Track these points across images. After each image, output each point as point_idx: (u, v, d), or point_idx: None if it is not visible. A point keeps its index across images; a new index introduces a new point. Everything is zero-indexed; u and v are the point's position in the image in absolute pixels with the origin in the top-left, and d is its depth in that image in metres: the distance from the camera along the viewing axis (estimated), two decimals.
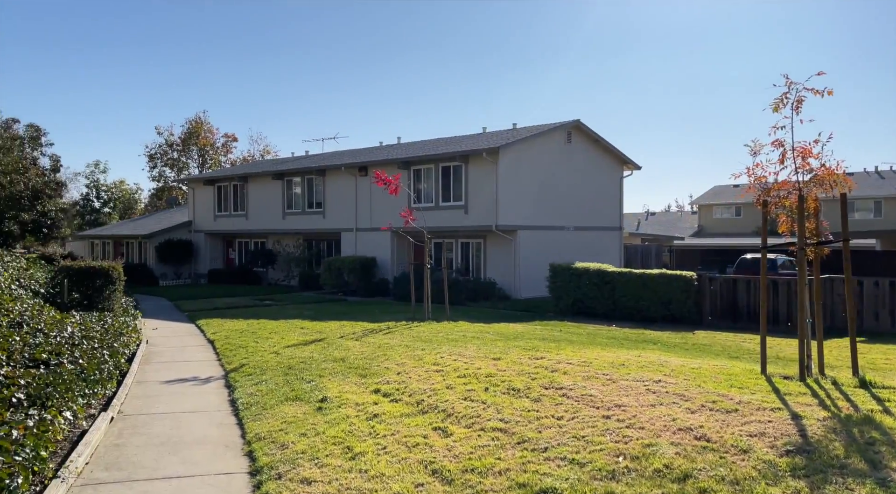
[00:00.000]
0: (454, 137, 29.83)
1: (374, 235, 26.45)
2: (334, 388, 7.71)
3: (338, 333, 13.17)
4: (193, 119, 55.35)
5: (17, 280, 15.78)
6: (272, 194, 30.56)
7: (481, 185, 23.38)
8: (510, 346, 9.64)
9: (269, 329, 14.25)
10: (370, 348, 10.54)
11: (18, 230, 27.88)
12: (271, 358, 10.43)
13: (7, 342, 8.12)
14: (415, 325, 13.99)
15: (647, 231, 44.93)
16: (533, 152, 24.44)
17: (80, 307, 15.25)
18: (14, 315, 10.46)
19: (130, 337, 12.13)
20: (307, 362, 9.66)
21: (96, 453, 5.65)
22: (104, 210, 58.98)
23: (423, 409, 6.34)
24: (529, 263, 23.82)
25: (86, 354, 8.77)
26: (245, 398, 7.71)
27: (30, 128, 29.06)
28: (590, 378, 6.78)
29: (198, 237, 33.93)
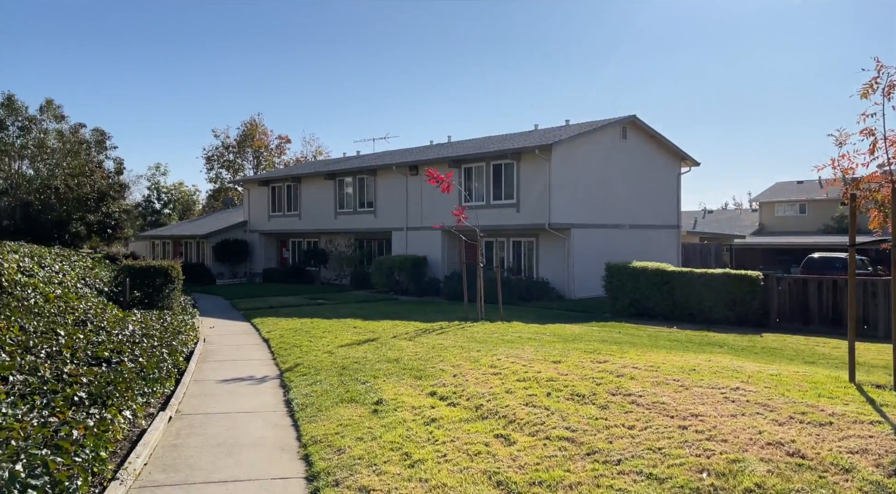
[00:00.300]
0: (505, 135, 29.44)
1: (425, 234, 26.34)
2: (389, 390, 7.52)
3: (390, 333, 13.03)
4: (248, 121, 56.68)
5: (82, 279, 16.31)
6: (324, 194, 30.86)
7: (533, 183, 22.94)
8: (570, 349, 9.26)
9: (322, 328, 14.25)
10: (424, 349, 10.33)
11: (85, 231, 29.00)
12: (325, 357, 10.35)
13: (72, 340, 8.29)
14: (468, 325, 13.73)
15: (705, 229, 43.38)
16: (586, 149, 23.83)
17: (141, 305, 15.64)
18: (79, 313, 10.73)
19: (188, 336, 12.30)
20: (361, 362, 9.53)
21: (154, 454, 5.61)
22: (164, 211, 61.05)
23: (482, 414, 6.07)
24: (583, 262, 23.24)
25: (146, 352, 8.88)
26: (300, 399, 7.60)
27: (95, 132, 30.19)
28: (660, 384, 6.36)
29: (253, 237, 34.61)
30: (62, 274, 14.48)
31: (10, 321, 8.04)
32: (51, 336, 8.17)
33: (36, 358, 7.04)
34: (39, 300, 10.23)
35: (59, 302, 10.76)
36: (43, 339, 7.69)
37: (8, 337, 7.28)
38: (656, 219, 26.36)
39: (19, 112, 28.06)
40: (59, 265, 15.52)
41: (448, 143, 31.32)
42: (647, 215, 25.83)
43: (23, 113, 28.23)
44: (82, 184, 28.55)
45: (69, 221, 28.22)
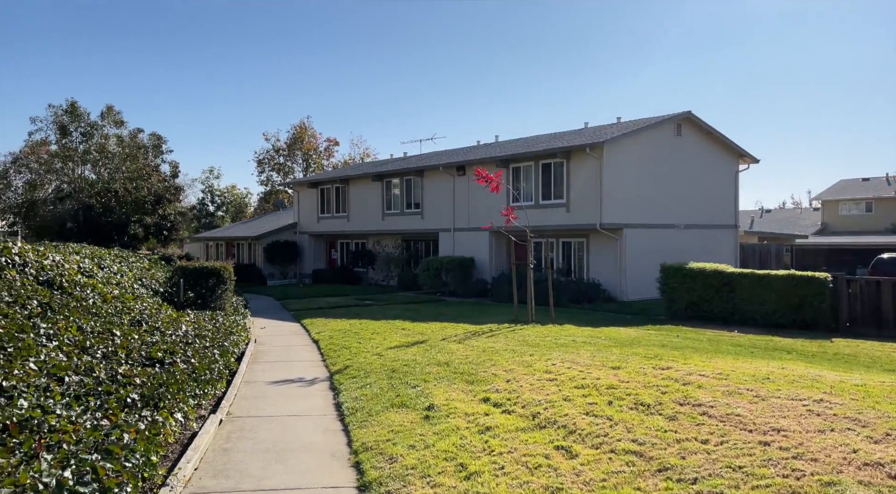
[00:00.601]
0: (554, 134, 28.91)
1: (472, 235, 26.08)
2: (441, 395, 7.29)
3: (439, 335, 12.82)
4: (298, 125, 57.62)
5: (139, 279, 16.70)
6: (372, 195, 30.97)
7: (584, 182, 22.38)
8: (628, 354, 8.83)
9: (370, 329, 14.16)
10: (475, 352, 10.06)
11: (142, 233, 29.90)
12: (374, 360, 10.21)
13: (127, 340, 8.36)
14: (518, 328, 13.39)
15: (763, 229, 41.69)
16: (639, 146, 23.12)
17: (195, 306, 15.89)
18: (135, 313, 10.90)
19: (240, 336, 12.38)
20: (410, 365, 9.34)
21: (205, 458, 5.52)
22: (218, 213, 62.71)
23: (539, 424, 5.76)
24: (636, 263, 22.54)
25: (198, 353, 8.90)
26: (350, 402, 7.44)
27: (152, 137, 31.12)
28: (732, 393, 5.91)
29: (302, 238, 35.05)
30: (120, 275, 14.83)
31: (68, 321, 8.15)
32: (107, 336, 8.26)
33: (92, 358, 7.10)
34: (98, 300, 10.42)
35: (116, 303, 10.94)
36: (99, 339, 7.77)
37: (66, 337, 7.36)
38: (712, 219, 25.39)
39: (82, 118, 29.16)
40: (117, 266, 15.93)
41: (495, 143, 30.98)
42: (702, 214, 24.91)
43: (85, 119, 29.32)
44: (140, 187, 29.45)
45: (128, 223, 29.14)
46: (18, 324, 6.98)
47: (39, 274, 10.29)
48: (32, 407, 4.99)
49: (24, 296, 8.19)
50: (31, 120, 28.71)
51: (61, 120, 28.79)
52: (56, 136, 28.97)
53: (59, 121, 28.76)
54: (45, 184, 29.01)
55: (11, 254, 10.35)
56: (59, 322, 7.90)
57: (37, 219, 28.19)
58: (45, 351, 6.54)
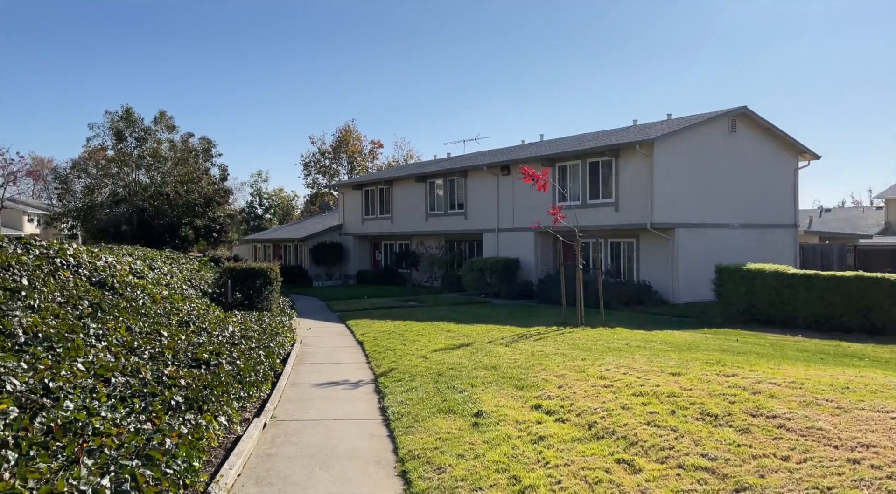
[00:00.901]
0: (602, 132, 28.24)
1: (517, 235, 25.67)
2: (489, 401, 6.99)
3: (485, 338, 12.52)
4: (343, 128, 58.21)
5: (189, 280, 16.95)
6: (415, 196, 30.89)
7: (634, 181, 21.71)
8: (688, 359, 8.35)
9: (415, 331, 13.96)
10: (523, 355, 9.72)
11: (193, 235, 30.58)
12: (419, 362, 9.98)
13: (174, 341, 8.36)
14: (567, 331, 12.97)
15: (823, 228, 39.81)
16: (692, 143, 22.30)
17: (242, 306, 16.02)
18: (183, 314, 10.97)
19: (286, 337, 12.35)
20: (457, 369, 9.07)
21: (248, 464, 5.37)
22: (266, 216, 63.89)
23: (597, 434, 5.40)
24: (689, 264, 21.74)
25: (243, 354, 8.84)
26: (396, 407, 7.22)
27: (202, 141, 31.80)
28: (809, 404, 5.43)
29: (347, 240, 35.27)
30: (170, 277, 15.06)
31: (118, 321, 8.20)
32: (154, 336, 8.27)
33: (139, 359, 7.08)
34: (147, 301, 10.52)
35: (164, 303, 11.04)
36: (147, 340, 7.77)
37: (114, 338, 7.37)
38: (770, 218, 24.32)
39: (136, 124, 30.04)
40: (167, 267, 16.20)
41: (541, 142, 30.48)
42: (759, 214, 23.87)
43: (139, 124, 30.20)
44: (191, 190, 30.13)
45: (179, 226, 29.85)
46: (69, 325, 7.02)
47: (93, 274, 10.45)
48: (78, 408, 4.93)
49: (75, 297, 8.27)
50: (89, 126, 29.72)
51: (117, 126, 29.73)
52: (112, 142, 29.93)
53: (115, 126, 29.71)
54: (101, 187, 29.98)
55: (67, 256, 10.55)
56: (108, 322, 7.95)
57: (94, 222, 29.15)
58: (94, 351, 6.55)
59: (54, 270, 9.38)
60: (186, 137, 31.45)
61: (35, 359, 5.61)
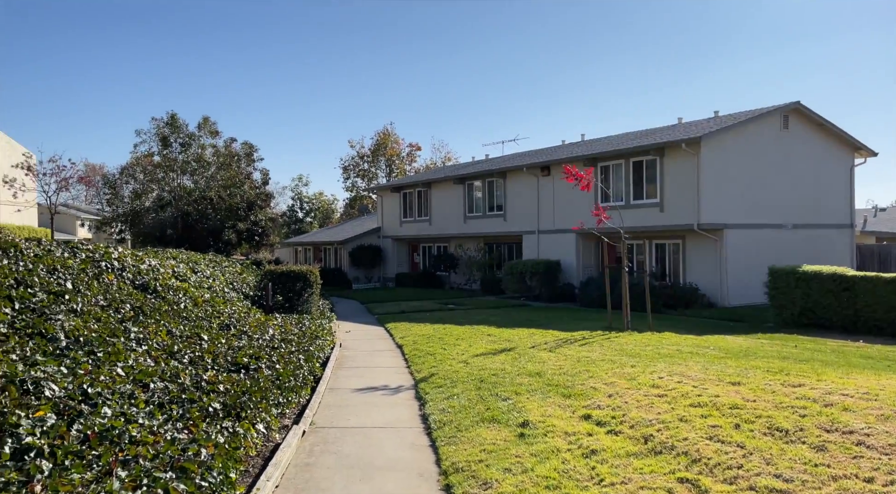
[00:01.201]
0: (646, 130, 27.53)
1: (558, 237, 25.19)
2: (535, 410, 6.68)
3: (528, 342, 12.17)
4: (381, 131, 58.52)
5: (230, 283, 17.09)
6: (453, 199, 30.69)
7: (680, 180, 21.03)
8: (746, 367, 7.86)
9: (455, 335, 13.71)
10: (568, 362, 9.36)
11: (235, 238, 31.00)
12: (460, 367, 9.72)
13: (214, 345, 8.31)
14: (613, 336, 12.52)
15: (880, 228, 38.02)
16: (741, 141, 21.49)
17: (282, 309, 16.05)
18: (224, 317, 10.97)
19: (325, 341, 12.26)
20: (499, 375, 8.77)
21: (286, 475, 5.20)
22: (306, 219, 64.70)
23: (654, 449, 5.04)
24: (738, 266, 20.94)
25: (283, 359, 8.74)
26: (437, 415, 6.97)
27: (244, 146, 32.26)
28: (889, 418, 4.96)
29: (385, 242, 35.30)
30: (212, 280, 15.17)
31: (159, 325, 8.18)
32: (195, 340, 8.23)
33: (179, 363, 7.02)
34: (189, 304, 10.55)
35: (206, 307, 11.07)
36: (187, 344, 7.72)
37: (155, 342, 7.33)
38: (825, 218, 23.27)
39: (181, 129, 30.65)
40: (209, 270, 16.34)
41: (582, 142, 29.92)
42: (813, 213, 22.86)
43: (184, 130, 30.81)
44: (233, 194, 30.57)
45: (222, 229, 30.30)
46: (111, 329, 7.01)
47: (136, 278, 10.53)
48: (116, 415, 4.83)
49: (118, 300, 8.30)
50: (136, 133, 30.49)
51: (163, 132, 30.41)
52: (158, 147, 30.62)
53: (161, 132, 30.39)
54: (148, 192, 30.68)
55: (111, 259, 10.65)
56: (149, 326, 7.94)
57: (141, 227, 29.84)
58: (134, 355, 6.50)
59: (98, 273, 9.46)
60: (229, 142, 31.96)
61: (75, 364, 5.56)
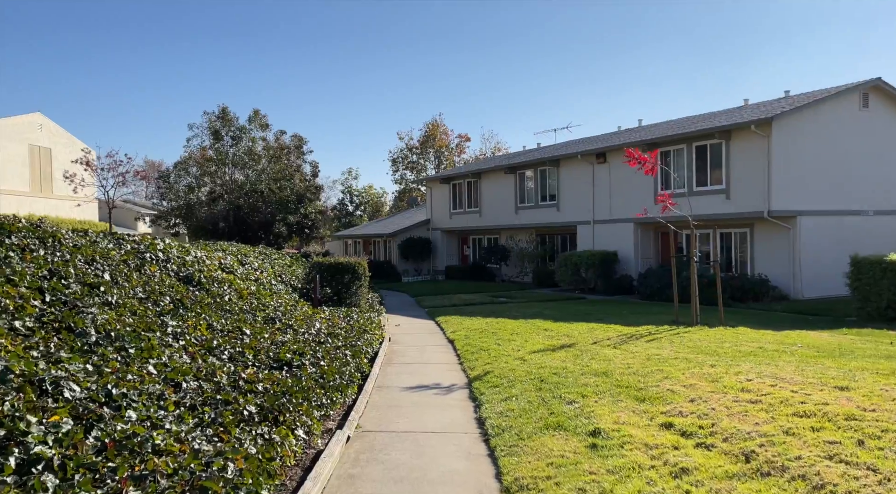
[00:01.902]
0: (709, 113, 26.02)
1: (614, 227, 24.07)
2: (606, 415, 5.92)
3: (588, 338, 11.35)
4: (430, 122, 57.99)
5: (279, 275, 16.82)
6: (504, 189, 29.85)
7: (748, 165, 19.64)
8: (850, 368, 6.87)
9: (509, 329, 13.00)
10: (637, 360, 8.52)
11: (286, 231, 31.06)
12: (517, 365, 9.01)
13: (256, 339, 7.86)
14: (682, 331, 11.57)
15: None
16: (816, 122, 19.90)
17: (330, 302, 15.67)
18: (269, 310, 10.58)
19: (374, 335, 11.75)
20: (561, 374, 8.02)
21: (327, 488, 4.61)
22: (357, 213, 64.94)
23: (759, 469, 4.22)
24: (813, 256, 19.44)
25: (328, 354, 8.23)
26: (494, 418, 6.30)
27: (294, 138, 32.26)
28: None
29: (435, 235, 34.76)
30: (260, 272, 14.89)
31: (199, 318, 7.78)
32: (236, 334, 7.80)
33: (217, 359, 6.57)
34: (233, 296, 10.18)
35: (251, 299, 10.69)
36: (227, 339, 7.27)
37: (193, 336, 6.91)
38: None
39: (232, 123, 30.86)
40: (258, 262, 16.10)
41: (640, 127, 28.58)
42: None
43: (234, 123, 31.01)
44: (283, 187, 30.60)
45: (273, 222, 30.39)
46: (147, 322, 6.62)
47: (180, 270, 10.22)
48: (140, 419, 4.36)
49: (157, 292, 7.93)
50: (188, 127, 30.92)
51: (214, 125, 30.67)
52: (210, 141, 30.91)
53: (213, 126, 30.65)
54: (201, 186, 31.03)
55: (156, 250, 10.39)
56: (189, 319, 7.56)
57: (194, 220, 30.21)
58: (169, 351, 6.07)
59: (141, 265, 9.17)
60: (279, 135, 32.00)
61: (103, 361, 5.13)
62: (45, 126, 32.37)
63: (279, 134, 32.15)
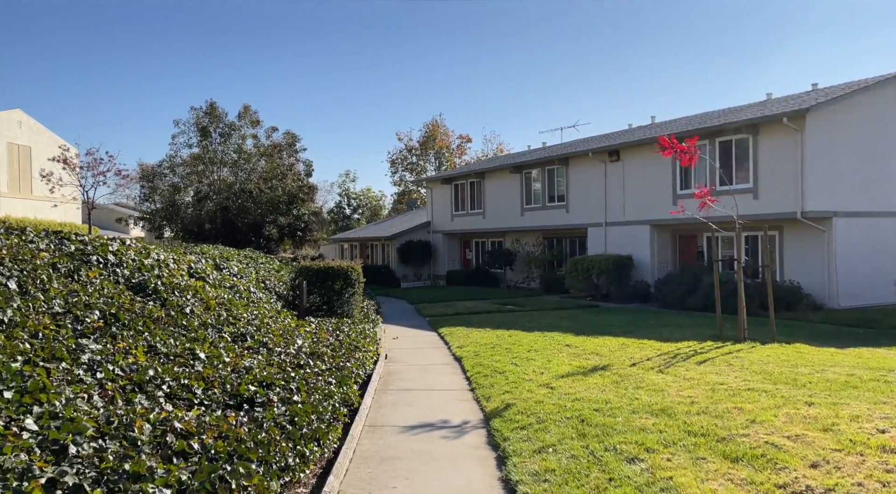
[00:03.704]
0: (728, 109, 24.31)
1: (629, 230, 22.34)
2: (692, 487, 4.15)
3: (623, 357, 9.58)
4: (430, 123, 56.28)
5: (262, 282, 15.04)
6: (509, 190, 28.11)
7: (778, 161, 17.92)
8: None
9: (525, 345, 11.24)
10: (699, 391, 6.75)
11: (277, 233, 29.27)
12: (544, 395, 7.25)
13: (211, 367, 6.10)
14: (733, 349, 9.81)
15: None
16: (851, 115, 18.21)
17: (319, 311, 13.90)
18: (241, 323, 8.78)
19: (367, 352, 9.98)
20: (605, 410, 6.26)
21: None
22: (354, 216, 63.17)
23: None
24: (849, 261, 17.76)
25: (305, 384, 6.44)
26: (529, 484, 4.53)
27: (286, 136, 30.50)
28: None
29: (436, 238, 33.00)
30: (239, 277, 13.10)
31: (137, 338, 6.00)
32: (186, 359, 6.02)
33: (149, 398, 4.79)
34: (198, 307, 8.40)
35: (221, 310, 8.90)
36: (169, 368, 5.49)
37: (121, 366, 5.13)
38: None
39: (220, 119, 29.09)
40: (239, 267, 14.31)
41: (654, 124, 26.86)
42: None
43: (223, 120, 29.25)
44: (275, 187, 28.84)
45: (263, 224, 28.60)
46: (53, 348, 4.88)
47: (133, 275, 8.43)
48: None
49: (82, 305, 6.14)
50: (174, 123, 29.10)
51: (201, 121, 28.92)
52: (197, 138, 29.15)
53: (200, 122, 28.90)
54: (187, 186, 29.24)
55: (107, 252, 8.62)
56: (122, 341, 5.81)
57: (179, 222, 28.43)
58: (75, 390, 4.32)
59: (76, 269, 7.39)
60: (270, 131, 30.23)
61: None
62: (25, 123, 30.57)
63: (270, 131, 30.39)
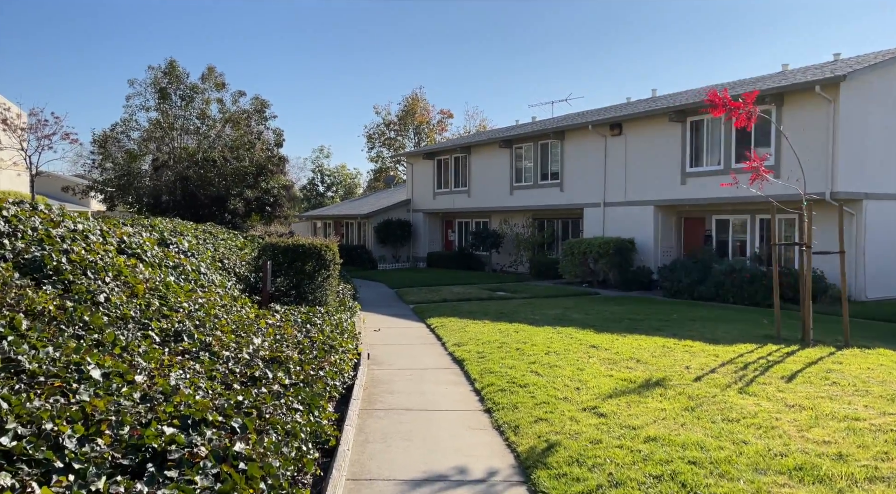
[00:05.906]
0: (743, 80, 22.41)
1: (630, 211, 20.42)
2: None
3: (672, 364, 7.58)
4: (410, 96, 53.62)
5: (219, 261, 12.71)
6: (498, 166, 25.93)
7: (805, 136, 16.06)
8: None
9: (539, 344, 9.19)
10: (828, 427, 4.76)
11: (243, 208, 26.71)
12: (597, 428, 5.21)
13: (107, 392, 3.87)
14: (811, 355, 7.88)
15: None
16: (882, 86, 16.42)
17: (287, 298, 11.63)
18: (179, 316, 6.53)
19: (345, 355, 7.81)
20: (709, 465, 4.26)
21: None
22: (328, 194, 60.43)
23: None
24: (881, 249, 16.12)
25: (254, 421, 4.26)
26: None
27: (255, 101, 27.79)
28: None
29: (416, 217, 30.75)
30: (187, 255, 10.74)
31: None
32: (66, 381, 3.78)
33: None
34: (119, 295, 6.11)
35: (151, 298, 6.62)
36: (21, 402, 3.24)
37: None
38: None
39: (181, 79, 26.26)
40: (190, 243, 11.91)
41: (655, 97, 24.84)
42: None
43: (185, 81, 26.42)
44: (241, 157, 26.22)
45: (227, 197, 26.01)
46: None
47: (29, 249, 6.10)
48: None
49: None
50: (129, 82, 26.12)
51: (160, 82, 26.05)
52: (156, 101, 26.30)
53: (158, 83, 26.03)
54: (144, 153, 26.43)
55: None
56: None
57: (133, 193, 25.69)
58: None
59: None
60: (237, 96, 27.45)
61: None
62: None
63: (237, 95, 27.62)
